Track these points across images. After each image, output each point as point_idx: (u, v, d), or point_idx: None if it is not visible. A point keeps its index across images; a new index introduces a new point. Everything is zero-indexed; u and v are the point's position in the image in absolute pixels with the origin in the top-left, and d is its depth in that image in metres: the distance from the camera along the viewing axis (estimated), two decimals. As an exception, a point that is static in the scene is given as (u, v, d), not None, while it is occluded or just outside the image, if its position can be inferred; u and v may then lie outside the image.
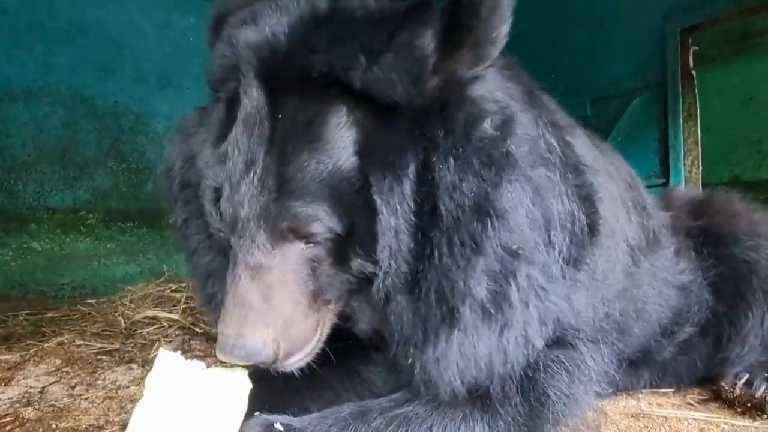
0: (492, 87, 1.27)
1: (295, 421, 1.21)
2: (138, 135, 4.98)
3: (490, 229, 1.14)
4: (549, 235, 1.28)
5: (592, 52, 4.48)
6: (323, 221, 1.18)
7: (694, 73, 3.87)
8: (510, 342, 1.22)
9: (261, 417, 1.21)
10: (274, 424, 1.18)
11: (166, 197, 1.64)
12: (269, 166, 1.19)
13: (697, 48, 3.90)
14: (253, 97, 1.23)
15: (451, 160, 1.15)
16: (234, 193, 1.23)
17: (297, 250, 1.22)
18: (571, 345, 1.46)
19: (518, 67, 1.51)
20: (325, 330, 1.34)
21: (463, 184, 1.14)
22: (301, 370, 1.51)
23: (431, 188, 1.16)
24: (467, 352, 1.19)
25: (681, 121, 3.89)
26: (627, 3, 4.26)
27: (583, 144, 1.68)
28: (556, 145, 1.41)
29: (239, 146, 1.24)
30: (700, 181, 3.89)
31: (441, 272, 1.15)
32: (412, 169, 1.17)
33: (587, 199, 1.54)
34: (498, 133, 1.20)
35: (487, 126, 1.19)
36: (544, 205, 1.26)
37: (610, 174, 1.81)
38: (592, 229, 1.53)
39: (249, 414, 1.24)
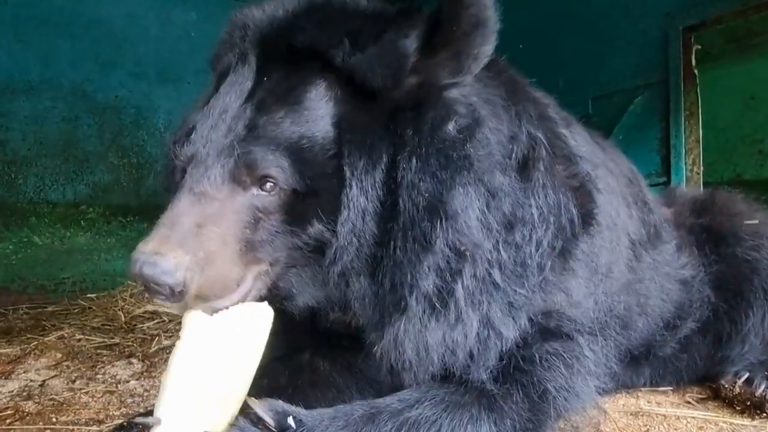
0: (467, 91, 1.33)
1: (307, 418, 1.20)
2: (139, 130, 4.98)
3: (439, 228, 1.20)
4: (514, 235, 1.32)
5: (594, 49, 4.46)
6: (282, 169, 1.21)
7: (696, 71, 3.85)
8: (469, 334, 1.28)
9: (278, 403, 1.20)
10: (288, 418, 1.17)
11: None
12: (241, 115, 1.26)
13: (700, 46, 3.88)
14: (243, 64, 1.33)
15: (414, 160, 1.21)
16: (201, 133, 1.28)
17: (247, 194, 1.23)
18: (568, 336, 1.47)
19: (504, 63, 1.53)
20: (251, 292, 1.27)
21: (421, 184, 1.21)
22: (303, 366, 1.52)
23: (394, 184, 1.22)
24: (418, 340, 1.25)
25: (683, 119, 3.88)
26: (629, 1, 4.24)
27: (579, 137, 1.68)
28: (542, 138, 1.44)
29: (218, 99, 1.31)
30: (701, 180, 3.88)
31: (395, 263, 1.21)
32: (384, 160, 1.23)
33: (581, 189, 1.55)
34: (460, 135, 1.26)
35: (451, 128, 1.25)
36: (503, 207, 1.30)
37: (610, 169, 1.81)
38: (587, 218, 1.53)
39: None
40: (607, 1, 4.38)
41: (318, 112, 1.25)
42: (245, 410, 1.17)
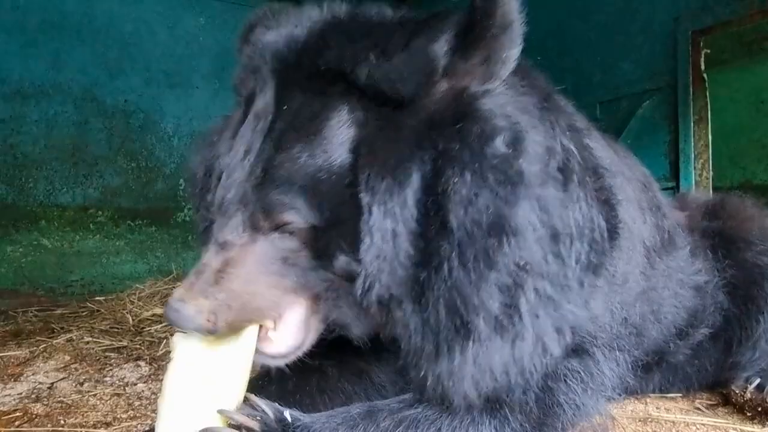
0: (503, 101, 1.25)
1: (305, 417, 1.21)
2: (147, 134, 5.02)
3: (505, 246, 1.14)
4: (559, 248, 1.27)
5: (603, 53, 4.45)
6: (299, 211, 1.20)
7: (705, 75, 3.83)
8: (525, 352, 1.21)
9: (274, 404, 1.22)
10: (284, 412, 1.19)
11: (192, 204, 1.68)
12: (262, 155, 1.23)
13: (709, 51, 3.86)
14: (264, 91, 1.28)
15: (468, 174, 1.14)
16: (227, 178, 1.28)
17: (268, 238, 1.24)
18: (588, 353, 1.45)
19: (533, 71, 1.49)
20: (310, 331, 1.32)
21: (479, 200, 1.14)
22: (312, 371, 1.50)
23: (443, 199, 1.14)
24: (482, 363, 1.18)
25: (692, 124, 3.85)
26: (638, 4, 4.23)
27: (600, 146, 1.66)
28: (574, 149, 1.40)
29: (243, 137, 1.29)
30: (711, 184, 3.85)
31: (451, 285, 1.14)
32: (416, 176, 1.16)
33: (607, 203, 1.52)
34: (510, 150, 1.19)
35: (500, 143, 1.18)
36: (552, 221, 1.25)
37: (626, 176, 1.79)
38: (612, 233, 1.50)
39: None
40: (616, 5, 4.37)
41: (337, 140, 1.20)
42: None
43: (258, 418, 1.15)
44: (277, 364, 1.35)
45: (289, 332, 1.31)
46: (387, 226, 1.15)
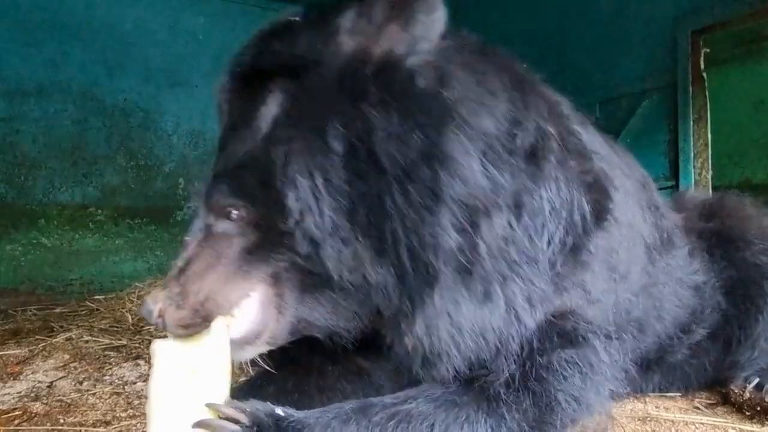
0: (434, 59, 1.27)
1: (298, 413, 1.21)
2: (147, 132, 5.02)
3: (442, 175, 1.17)
4: (523, 217, 1.29)
5: (602, 53, 4.45)
6: (234, 195, 1.27)
7: (704, 75, 3.83)
8: (499, 316, 1.24)
9: (264, 403, 1.21)
10: (276, 409, 1.18)
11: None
12: (216, 165, 1.36)
13: (708, 50, 3.86)
14: (222, 106, 1.41)
15: (393, 113, 1.17)
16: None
17: (217, 230, 1.32)
18: (584, 339, 1.41)
19: (508, 57, 1.48)
20: (273, 315, 1.31)
21: (405, 133, 1.17)
22: (312, 370, 1.51)
23: (370, 143, 1.17)
24: (455, 317, 1.20)
25: (691, 123, 3.85)
26: (638, 4, 4.23)
27: (590, 134, 1.66)
28: (554, 132, 1.40)
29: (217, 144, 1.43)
30: (710, 183, 3.86)
31: (405, 227, 1.16)
32: (335, 127, 1.19)
33: (596, 185, 1.51)
34: (436, 86, 1.23)
35: (423, 82, 1.22)
36: (505, 168, 1.26)
37: (625, 173, 1.80)
38: (601, 213, 1.49)
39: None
40: (616, 4, 4.37)
41: (263, 124, 1.28)
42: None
43: (246, 410, 1.15)
44: (249, 356, 1.35)
45: (247, 318, 1.30)
46: (306, 182, 1.19)
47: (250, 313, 1.30)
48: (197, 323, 1.27)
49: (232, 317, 1.29)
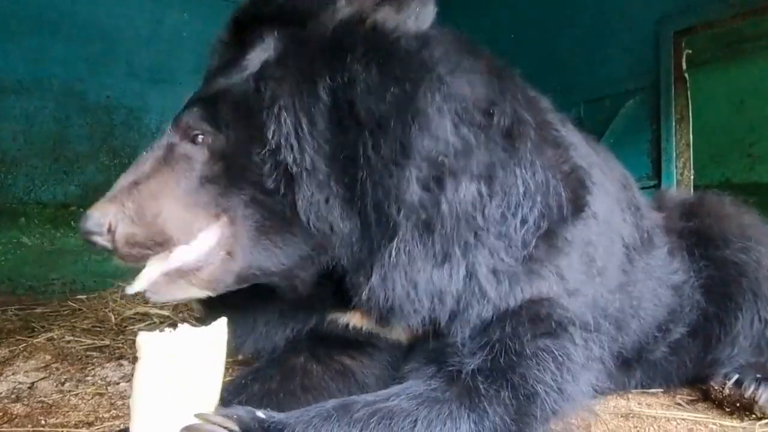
0: (424, 39, 1.33)
1: (279, 414, 1.20)
2: (130, 130, 4.95)
3: (414, 130, 1.19)
4: (495, 188, 1.30)
5: (586, 53, 4.49)
6: (204, 117, 1.30)
7: (686, 75, 3.89)
8: (459, 280, 1.25)
9: (247, 408, 1.20)
10: (256, 412, 1.17)
11: None
12: (199, 89, 1.42)
13: (690, 51, 3.92)
14: (216, 48, 1.50)
15: (374, 67, 1.22)
16: None
17: (178, 149, 1.32)
18: (560, 326, 1.40)
19: (489, 55, 1.51)
20: (228, 252, 1.28)
21: (383, 87, 1.21)
22: (296, 370, 1.49)
23: (351, 94, 1.22)
24: (411, 273, 1.21)
25: (673, 123, 3.91)
26: (621, 5, 4.28)
27: (572, 133, 1.68)
28: (530, 120, 1.42)
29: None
30: (692, 183, 3.91)
31: (374, 179, 1.19)
32: (323, 78, 1.24)
33: (573, 175, 1.52)
34: (414, 45, 1.28)
35: (406, 42, 1.28)
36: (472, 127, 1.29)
37: (604, 172, 1.81)
38: (578, 203, 1.50)
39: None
40: (599, 5, 4.41)
41: (252, 63, 1.34)
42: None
43: (234, 417, 1.14)
44: (179, 295, 1.33)
45: (200, 248, 1.27)
46: (290, 126, 1.22)
47: (204, 244, 1.28)
48: (149, 246, 1.24)
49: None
